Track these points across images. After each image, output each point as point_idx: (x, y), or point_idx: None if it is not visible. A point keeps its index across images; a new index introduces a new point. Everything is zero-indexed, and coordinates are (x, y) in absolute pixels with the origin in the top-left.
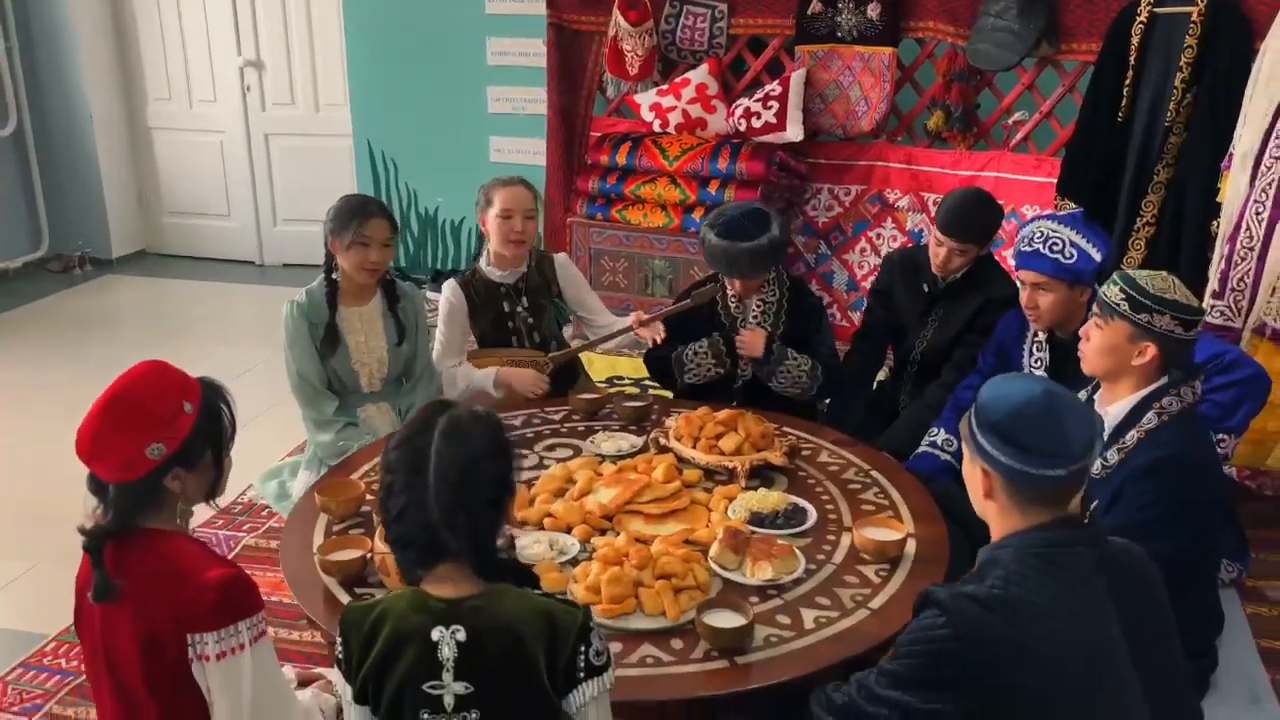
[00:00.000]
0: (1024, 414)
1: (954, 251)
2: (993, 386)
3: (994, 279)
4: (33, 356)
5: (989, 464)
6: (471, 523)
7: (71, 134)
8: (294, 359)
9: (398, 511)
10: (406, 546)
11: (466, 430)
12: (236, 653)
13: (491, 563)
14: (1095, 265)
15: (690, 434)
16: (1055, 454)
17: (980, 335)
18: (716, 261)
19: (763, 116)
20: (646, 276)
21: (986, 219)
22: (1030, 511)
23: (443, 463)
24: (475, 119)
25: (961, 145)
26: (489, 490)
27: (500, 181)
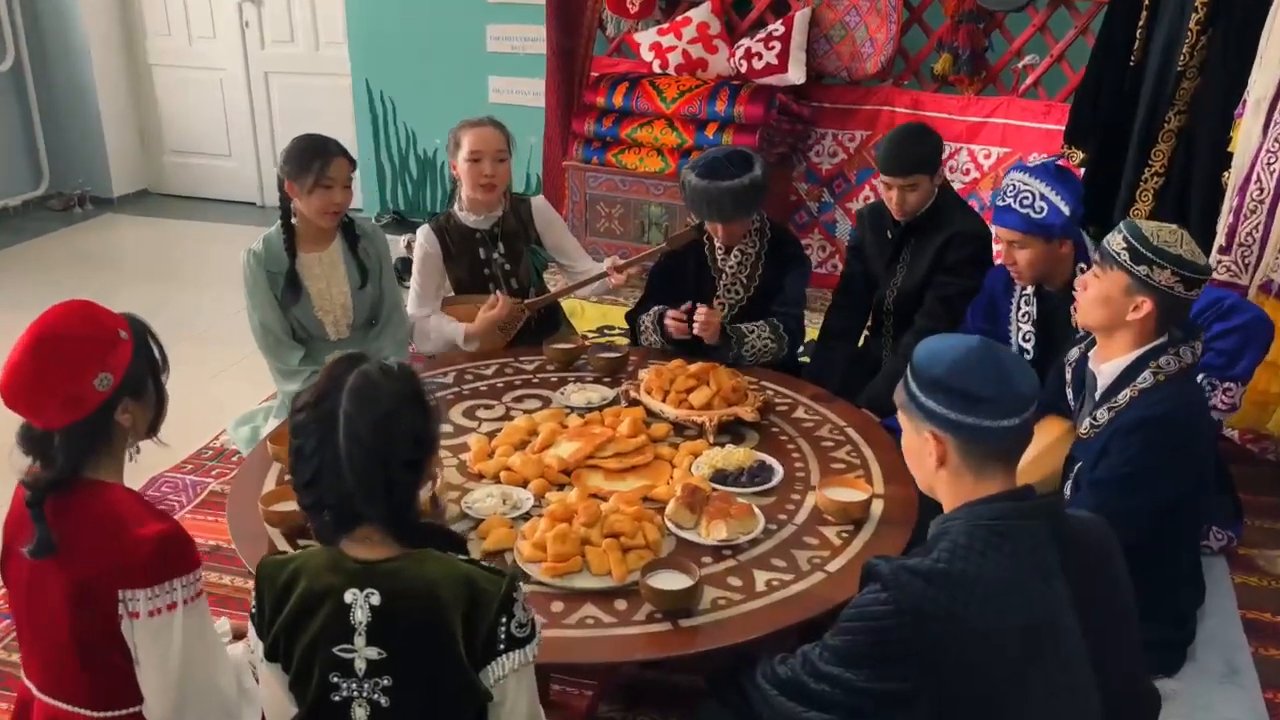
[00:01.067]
0: (967, 364)
1: (904, 190)
2: (923, 347)
3: (955, 216)
4: (28, 295)
5: (938, 426)
6: (388, 487)
7: (70, 70)
8: (255, 309)
9: (309, 477)
10: (321, 512)
11: (377, 387)
12: (168, 611)
13: (411, 527)
14: (1064, 218)
15: (661, 387)
16: (1009, 401)
17: (949, 275)
18: (697, 204)
19: (764, 58)
20: (642, 223)
21: (922, 147)
22: (984, 476)
23: (353, 425)
24: (474, 58)
25: (969, 90)
26: (405, 451)
27: (469, 123)
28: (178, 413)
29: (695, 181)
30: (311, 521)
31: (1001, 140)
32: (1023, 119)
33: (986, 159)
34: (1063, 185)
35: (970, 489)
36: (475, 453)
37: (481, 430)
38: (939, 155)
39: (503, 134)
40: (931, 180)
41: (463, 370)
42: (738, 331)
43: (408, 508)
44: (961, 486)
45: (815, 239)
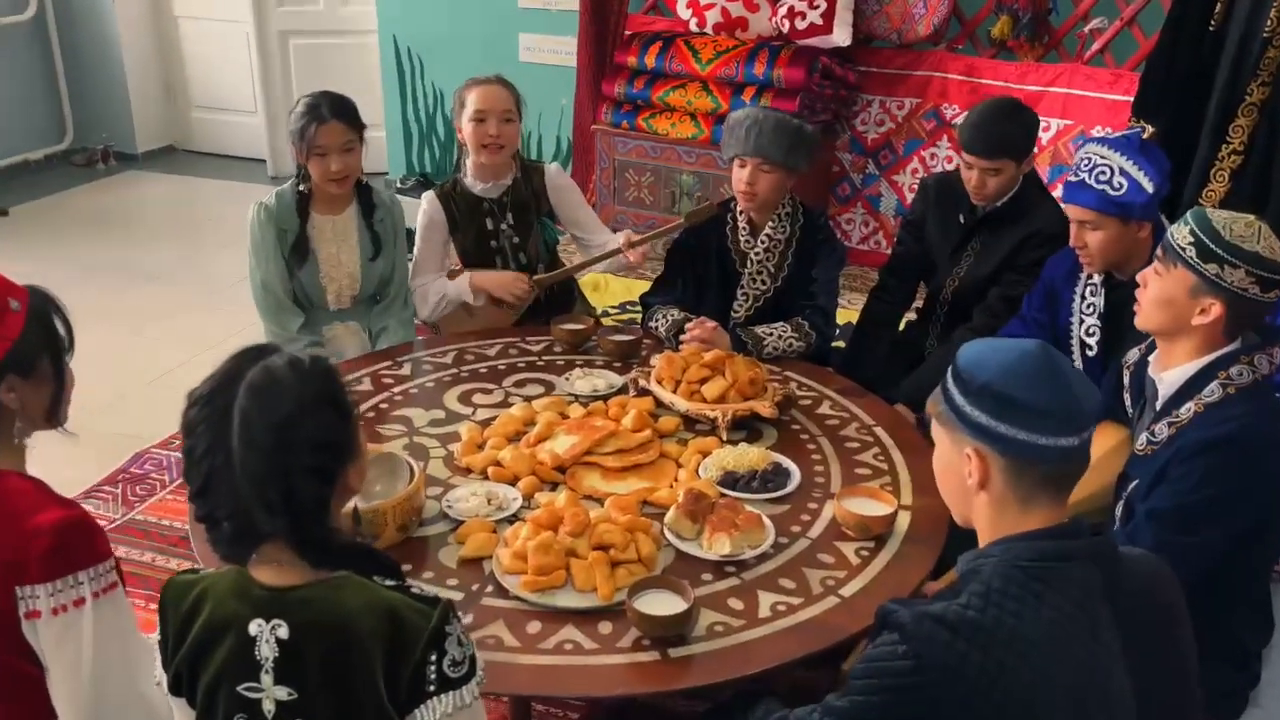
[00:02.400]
0: (1022, 370)
1: (986, 172)
2: (970, 349)
3: (1041, 210)
4: (46, 252)
5: (984, 441)
6: (289, 498)
7: (94, 20)
8: (258, 266)
9: (200, 484)
10: (216, 526)
11: (280, 384)
12: (74, 608)
13: (320, 547)
14: (1148, 197)
15: (672, 376)
16: (1069, 415)
17: (1020, 274)
18: (734, 132)
19: (808, 17)
20: (674, 192)
21: (1017, 128)
22: (1030, 505)
23: (249, 425)
24: (505, 14)
25: (1029, 56)
26: (310, 457)
27: (474, 81)
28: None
29: (737, 112)
30: (209, 536)
31: (1062, 112)
32: (1087, 88)
33: (1045, 131)
34: (1147, 160)
35: (1013, 521)
36: (464, 443)
37: (475, 418)
38: (1032, 138)
39: (511, 93)
40: (1019, 166)
41: (463, 349)
42: (753, 336)
43: (315, 523)
44: (1003, 517)
45: (858, 213)
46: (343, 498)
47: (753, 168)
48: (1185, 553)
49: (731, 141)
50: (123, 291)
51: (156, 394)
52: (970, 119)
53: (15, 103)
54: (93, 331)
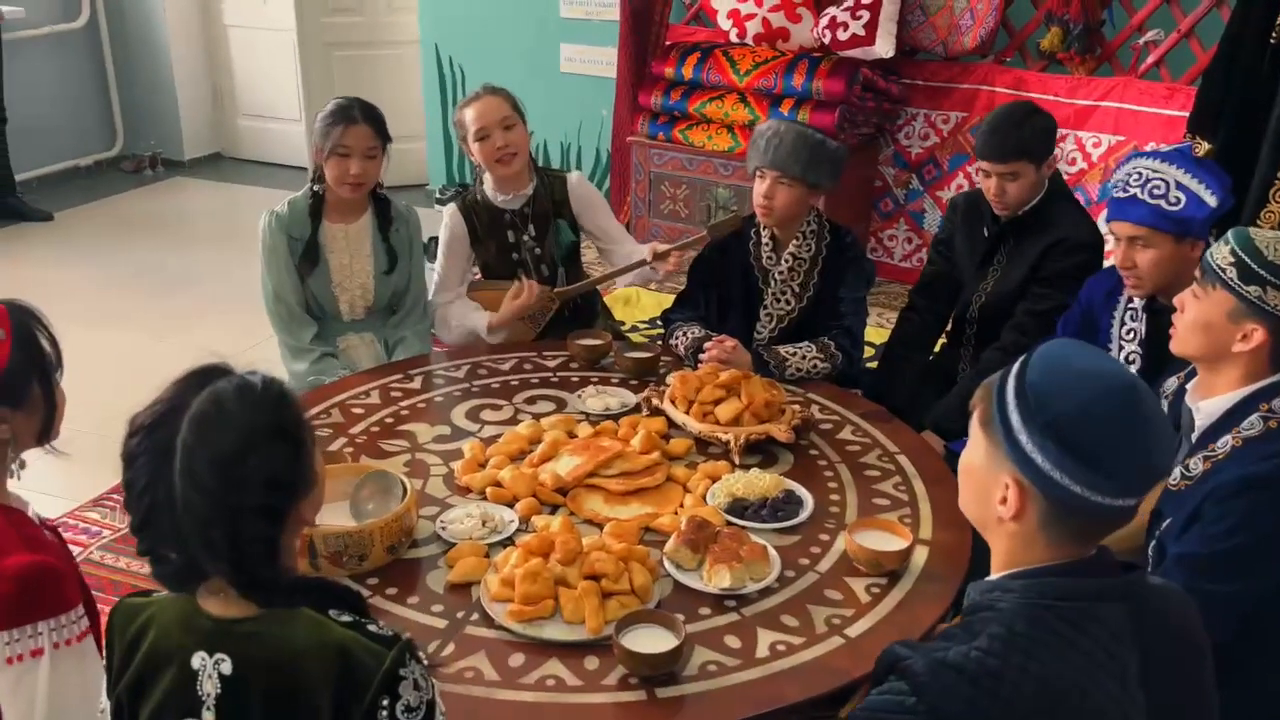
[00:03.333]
0: (1105, 417)
1: (1004, 178)
2: (1046, 361)
3: (1065, 219)
4: (92, 256)
5: (1031, 478)
6: (234, 541)
7: (145, 28)
8: (269, 275)
9: (141, 520)
10: (160, 561)
11: (227, 415)
12: (30, 658)
13: (265, 586)
14: (1209, 212)
15: (686, 396)
16: (1138, 478)
17: (1046, 286)
18: (755, 145)
19: (850, 28)
20: (709, 205)
21: (1028, 129)
22: (1062, 547)
23: (192, 461)
24: (547, 24)
25: (1080, 69)
26: (258, 496)
27: (466, 101)
28: None
29: (763, 123)
30: (154, 571)
31: (1115, 127)
32: (1141, 103)
33: (1096, 148)
34: (1206, 173)
35: (1039, 553)
36: (466, 461)
37: (481, 435)
38: (1049, 141)
39: (505, 99)
40: (1038, 171)
41: (477, 364)
42: (775, 356)
43: (262, 564)
44: (1029, 549)
45: (900, 229)
46: (295, 531)
47: (771, 181)
48: (1217, 603)
49: (753, 153)
50: (160, 296)
51: None
52: (982, 126)
53: (68, 109)
54: (126, 335)
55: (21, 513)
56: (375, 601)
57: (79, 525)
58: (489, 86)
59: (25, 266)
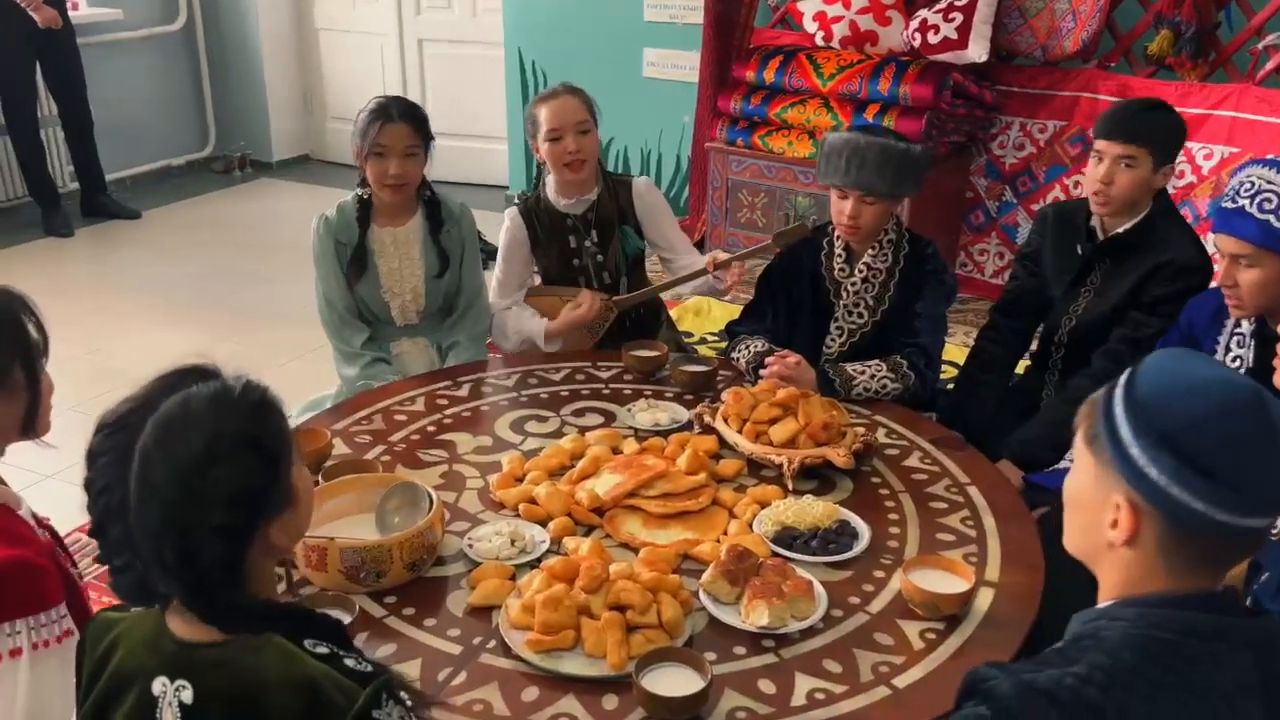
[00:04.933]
0: (1227, 423)
1: (1118, 162)
2: (1156, 370)
3: (1171, 239)
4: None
5: (1147, 497)
6: (187, 559)
7: (239, 31)
8: (320, 280)
9: (97, 524)
10: (120, 573)
11: (194, 419)
12: (9, 658)
13: (224, 610)
14: None
15: (739, 414)
16: (1270, 493)
17: (1146, 313)
18: (832, 160)
19: (941, 31)
20: (788, 215)
21: (1161, 118)
22: (1183, 575)
23: (149, 467)
24: (631, 28)
25: (1192, 75)
26: (219, 513)
27: (542, 96)
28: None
29: (835, 136)
30: (110, 581)
31: (1228, 138)
32: (1258, 112)
33: (1207, 159)
34: None
35: (1156, 582)
36: (502, 475)
37: (523, 447)
38: (1176, 140)
39: (582, 102)
40: (1154, 169)
41: (528, 372)
42: (842, 374)
43: (221, 587)
44: (1145, 577)
45: (991, 244)
46: (267, 555)
47: (855, 201)
48: None
49: (830, 170)
50: (236, 295)
51: None
52: (1109, 109)
53: (164, 110)
54: (198, 333)
55: (6, 508)
56: (390, 622)
57: None
58: (568, 85)
59: (108, 263)
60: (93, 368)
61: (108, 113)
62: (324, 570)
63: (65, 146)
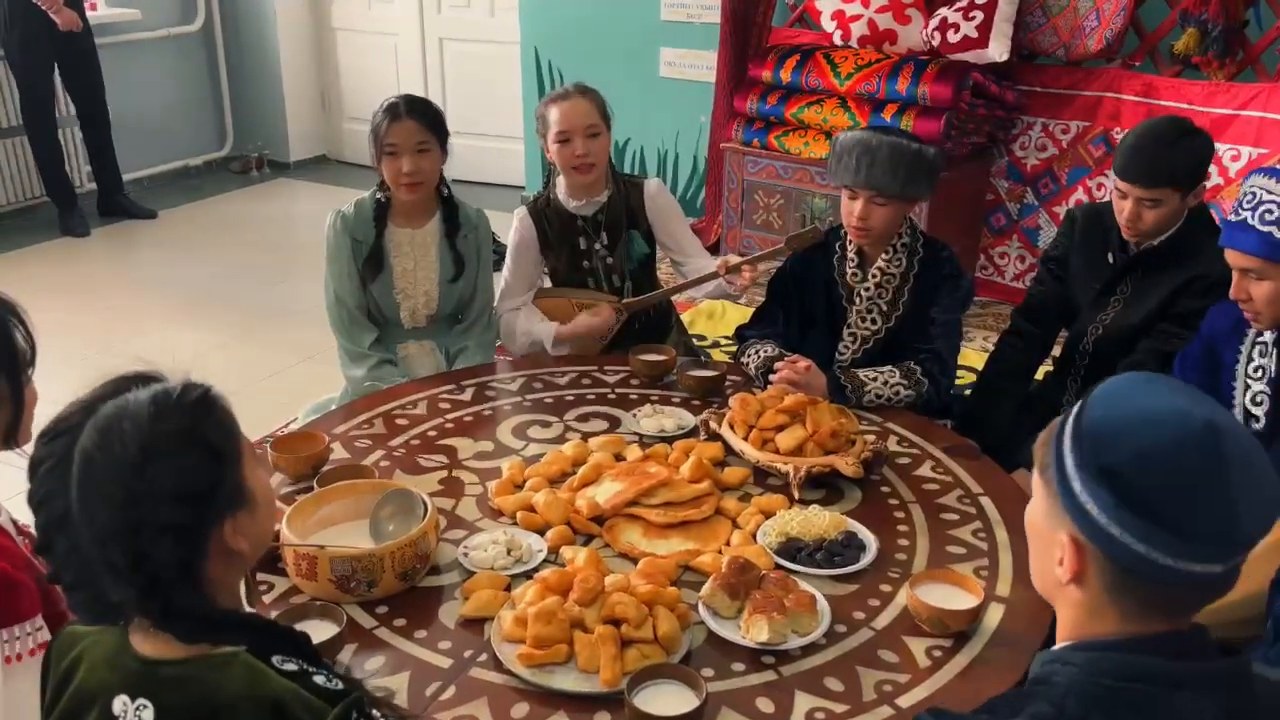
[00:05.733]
0: (1172, 462)
1: (1142, 203)
2: (1112, 399)
3: (1208, 250)
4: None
5: (1088, 535)
6: (138, 562)
7: (257, 32)
8: (332, 277)
9: (44, 539)
10: (72, 589)
11: (134, 419)
12: None
13: (182, 616)
14: None
15: (745, 420)
16: (1216, 539)
17: (1176, 325)
18: (843, 160)
19: (961, 29)
20: (804, 216)
21: (1183, 153)
22: (1137, 620)
23: (90, 469)
24: (647, 27)
25: (1219, 74)
26: (165, 511)
27: (554, 96)
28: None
29: (847, 134)
30: (67, 601)
31: (1256, 139)
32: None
33: (1234, 161)
34: None
35: (1109, 624)
36: (501, 482)
37: (524, 453)
38: (1202, 168)
39: (594, 104)
40: (1183, 199)
41: (533, 376)
42: (854, 380)
43: (178, 592)
44: (1095, 622)
45: (1013, 246)
46: (229, 562)
47: (865, 201)
48: None
49: (840, 170)
50: (250, 294)
51: (263, 392)
52: (1128, 140)
53: (182, 110)
54: (213, 331)
55: None
56: (380, 633)
57: None
58: (580, 86)
59: (124, 263)
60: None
61: (125, 113)
62: (314, 579)
63: (83, 147)
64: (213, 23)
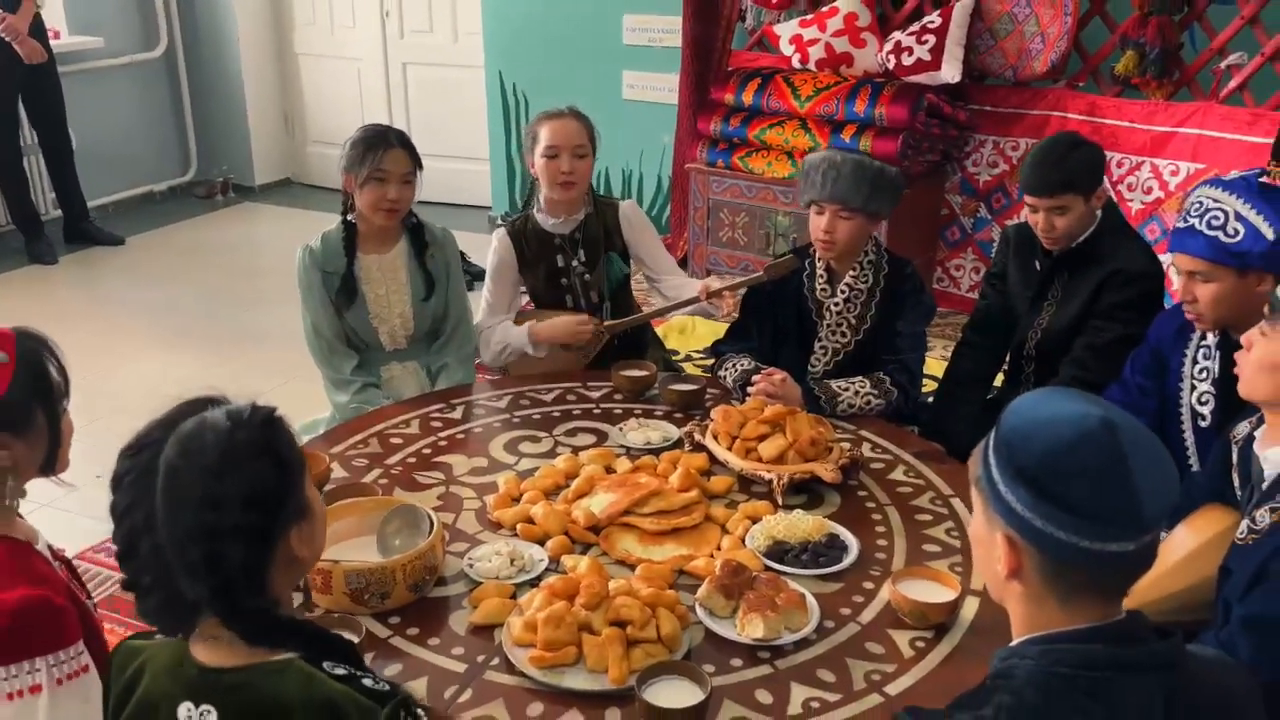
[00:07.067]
0: (1074, 455)
1: (1051, 212)
2: (1017, 411)
3: (1122, 248)
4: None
5: (1018, 530)
6: (214, 561)
7: (220, 57)
8: (308, 311)
9: (126, 545)
10: (146, 594)
11: (210, 431)
12: (29, 694)
13: (253, 620)
14: (1267, 245)
15: (728, 431)
16: (1123, 520)
17: (1104, 319)
18: (810, 177)
19: (915, 53)
20: (768, 233)
21: (1076, 161)
22: (1074, 605)
23: (173, 478)
24: (609, 51)
25: (1158, 94)
26: (239, 514)
27: (546, 115)
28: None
29: (814, 154)
30: (138, 607)
31: (1193, 154)
32: (1221, 129)
33: (1174, 175)
34: (1268, 204)
35: (1052, 618)
36: (499, 496)
37: (518, 468)
38: (1096, 173)
39: (584, 126)
40: (1086, 202)
41: (520, 394)
42: (827, 391)
43: (247, 593)
44: (1040, 612)
45: (968, 259)
46: (290, 570)
47: (831, 214)
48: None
49: (808, 186)
50: (221, 319)
51: None
52: (1027, 160)
53: (145, 135)
54: (185, 357)
55: (27, 544)
56: (395, 642)
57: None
58: (573, 109)
59: (94, 289)
60: (83, 394)
61: (89, 139)
62: (329, 593)
63: (47, 174)
64: (175, 49)
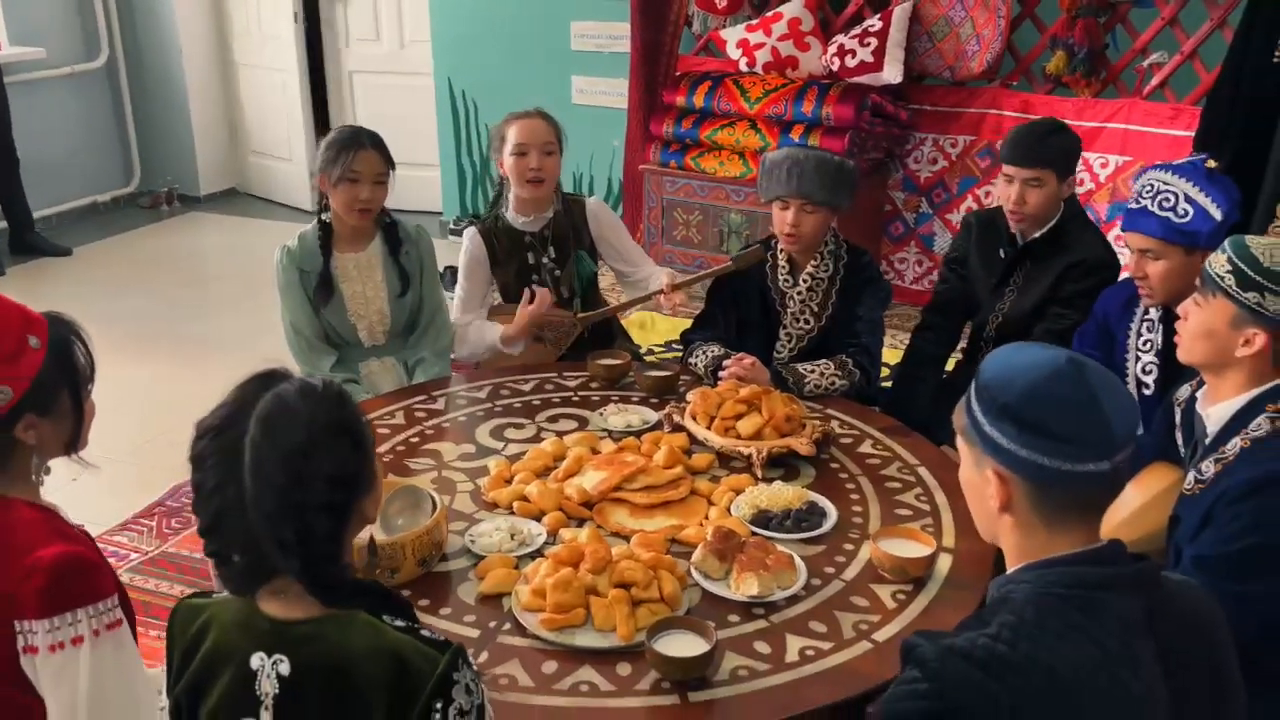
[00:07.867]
0: (1048, 390)
1: (1027, 184)
2: (995, 360)
3: (1082, 241)
4: (108, 291)
5: (1004, 463)
6: (304, 536)
7: (162, 67)
8: (287, 310)
9: (210, 521)
10: (227, 563)
11: (293, 413)
12: (72, 646)
13: (331, 584)
14: (1214, 225)
15: (707, 412)
16: (1096, 440)
17: (1064, 307)
18: (773, 174)
19: (858, 55)
20: (721, 231)
21: (1058, 141)
22: (1060, 528)
23: (260, 459)
24: (558, 57)
25: (1086, 92)
26: (325, 492)
27: (514, 115)
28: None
29: (774, 153)
30: (219, 573)
31: (1121, 148)
32: (1146, 124)
33: (1104, 168)
34: (1214, 187)
35: (1042, 544)
36: (492, 478)
37: (505, 453)
38: (1072, 158)
39: (551, 126)
40: (1059, 183)
41: (499, 384)
42: (794, 373)
43: (329, 560)
44: (1030, 540)
45: (911, 252)
46: (357, 527)
47: (796, 209)
48: (1234, 604)
49: (771, 183)
50: (174, 329)
51: None
52: (1011, 133)
53: (87, 146)
54: (143, 366)
55: (54, 509)
56: None
57: (107, 549)
58: (541, 110)
59: (43, 301)
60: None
61: (32, 150)
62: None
63: None
64: (116, 59)
